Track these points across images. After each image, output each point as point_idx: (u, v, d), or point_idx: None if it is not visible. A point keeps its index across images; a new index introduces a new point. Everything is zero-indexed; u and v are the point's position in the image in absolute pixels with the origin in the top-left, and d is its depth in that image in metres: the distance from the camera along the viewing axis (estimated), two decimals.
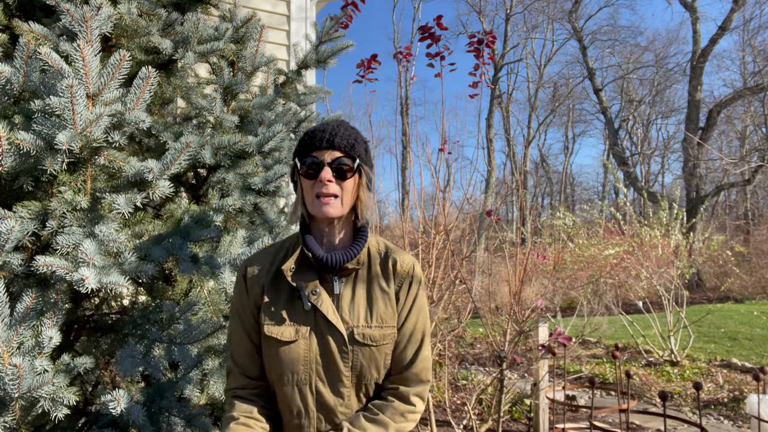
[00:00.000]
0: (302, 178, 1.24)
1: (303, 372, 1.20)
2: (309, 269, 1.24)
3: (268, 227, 2.13)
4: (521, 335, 3.78)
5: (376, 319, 1.24)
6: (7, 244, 1.31)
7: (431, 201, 4.20)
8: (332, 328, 1.20)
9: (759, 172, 15.37)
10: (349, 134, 1.24)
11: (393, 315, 1.26)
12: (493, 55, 3.92)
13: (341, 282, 1.25)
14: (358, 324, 1.22)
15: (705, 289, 13.99)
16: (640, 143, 29.97)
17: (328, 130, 1.23)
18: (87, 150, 1.42)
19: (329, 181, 1.20)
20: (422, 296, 1.32)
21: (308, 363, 1.19)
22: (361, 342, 1.21)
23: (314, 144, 1.22)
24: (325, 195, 1.20)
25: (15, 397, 1.22)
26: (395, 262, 1.29)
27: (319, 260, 1.21)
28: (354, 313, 1.23)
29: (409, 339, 1.27)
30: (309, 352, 1.20)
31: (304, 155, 1.23)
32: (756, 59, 18.97)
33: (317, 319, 1.21)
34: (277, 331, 1.20)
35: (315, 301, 1.20)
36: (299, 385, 1.20)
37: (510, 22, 25.89)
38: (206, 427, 1.72)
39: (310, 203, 1.23)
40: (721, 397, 5.39)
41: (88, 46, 1.34)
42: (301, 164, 1.23)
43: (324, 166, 1.20)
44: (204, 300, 1.85)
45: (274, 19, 4.38)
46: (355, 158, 1.23)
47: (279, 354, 1.19)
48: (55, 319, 1.38)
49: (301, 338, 1.20)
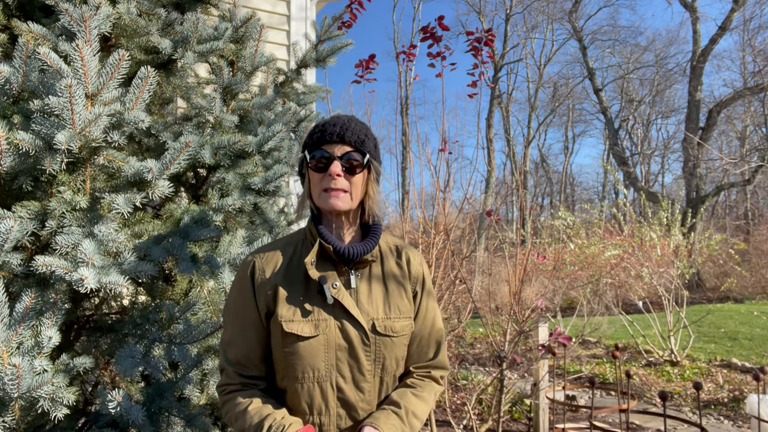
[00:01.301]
0: (311, 171, 1.23)
1: (324, 368, 1.17)
2: (326, 262, 1.23)
3: (268, 227, 2.13)
4: (521, 335, 3.77)
5: (394, 310, 1.25)
6: (6, 243, 1.31)
7: (431, 201, 4.20)
8: (354, 321, 1.19)
9: (759, 172, 15.37)
10: (360, 129, 1.24)
11: (409, 307, 1.28)
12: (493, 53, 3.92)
13: (357, 275, 1.25)
14: (377, 316, 1.22)
15: (705, 289, 13.98)
16: (640, 143, 29.98)
17: (339, 124, 1.22)
18: (86, 150, 1.42)
19: (338, 175, 1.19)
20: (432, 287, 1.38)
21: (329, 358, 1.18)
22: (383, 333, 1.21)
23: (324, 137, 1.21)
24: (334, 189, 1.19)
25: (14, 397, 1.21)
26: (408, 258, 1.33)
27: (338, 252, 1.21)
28: (373, 305, 1.23)
29: (431, 330, 1.33)
30: (329, 347, 1.18)
31: (314, 148, 1.23)
32: (756, 59, 18.96)
33: (337, 313, 1.20)
34: (297, 327, 1.17)
35: (336, 295, 1.19)
36: (320, 382, 1.17)
37: (510, 22, 25.90)
38: (206, 427, 1.72)
39: (317, 196, 1.22)
40: (721, 397, 5.38)
41: (87, 46, 1.34)
42: (311, 157, 1.22)
43: (334, 159, 1.20)
44: (204, 300, 1.85)
45: (273, 18, 4.37)
46: (365, 153, 1.23)
47: (298, 350, 1.16)
48: (55, 319, 1.38)
49: (321, 333, 1.17)
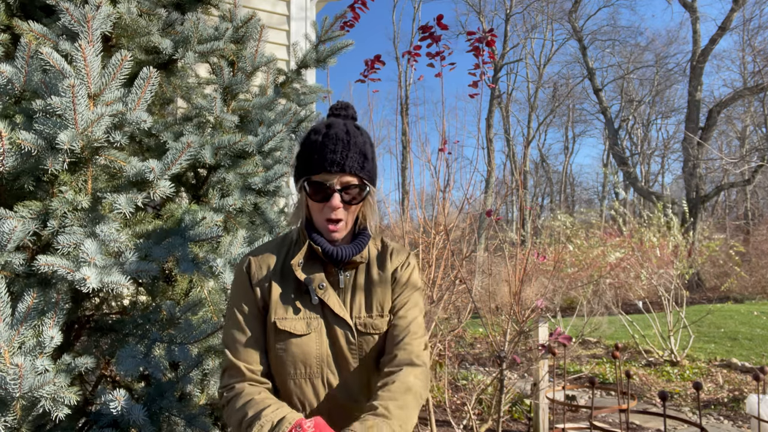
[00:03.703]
0: (309, 199, 1.23)
1: (316, 365, 1.21)
2: (315, 263, 1.25)
3: (268, 227, 2.13)
4: (521, 335, 3.78)
5: (375, 308, 1.26)
6: (9, 243, 1.31)
7: (431, 201, 4.20)
8: (340, 320, 1.22)
9: (759, 172, 15.37)
10: (359, 151, 1.20)
11: (389, 301, 1.28)
12: (494, 54, 3.94)
13: (345, 275, 1.27)
14: (360, 315, 1.24)
15: (705, 289, 13.98)
16: (640, 143, 29.99)
17: (338, 150, 1.17)
18: (88, 150, 1.43)
19: (338, 207, 1.19)
20: (416, 275, 1.34)
21: (320, 355, 1.21)
22: (365, 332, 1.24)
23: (324, 165, 1.17)
24: (334, 220, 1.21)
25: (16, 396, 1.22)
26: (392, 252, 1.34)
27: (327, 254, 1.22)
28: (358, 304, 1.25)
29: (401, 317, 1.26)
30: (321, 345, 1.21)
31: (312, 173, 1.19)
32: (756, 59, 18.95)
33: (325, 313, 1.22)
34: (290, 324, 1.20)
35: (322, 296, 1.22)
36: (311, 378, 1.21)
37: (510, 22, 25.89)
38: (206, 427, 1.72)
39: (317, 221, 1.23)
40: (721, 397, 5.39)
41: (90, 46, 1.35)
42: (309, 185, 1.21)
43: (334, 192, 1.19)
44: (204, 300, 1.85)
45: (273, 19, 4.37)
46: (365, 183, 1.23)
47: (291, 347, 1.19)
48: (56, 319, 1.38)
49: (313, 331, 1.21)
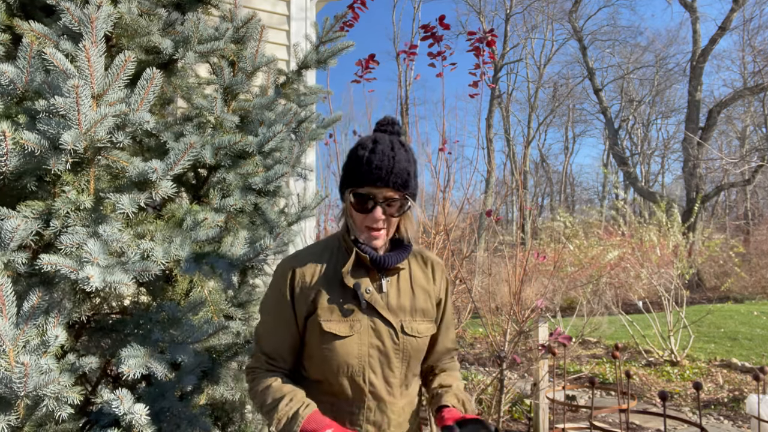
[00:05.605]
0: (352, 209, 1.30)
1: (357, 364, 1.29)
2: (360, 269, 1.33)
3: (269, 227, 2.13)
4: (521, 335, 3.78)
5: (419, 314, 1.36)
6: (11, 242, 1.32)
7: (431, 201, 4.20)
8: (385, 321, 1.31)
9: (759, 172, 15.39)
10: (404, 168, 1.27)
11: (433, 312, 1.40)
12: (494, 54, 3.95)
13: (387, 281, 1.35)
14: (405, 318, 1.33)
15: (705, 289, 13.98)
16: (640, 143, 30.00)
17: (384, 165, 1.24)
18: (91, 150, 1.43)
19: (381, 218, 1.27)
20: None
21: (362, 356, 1.29)
22: (410, 334, 1.33)
23: (370, 178, 1.24)
24: (375, 229, 1.29)
25: (21, 395, 1.22)
26: (434, 268, 1.45)
27: (375, 261, 1.30)
28: (401, 308, 1.34)
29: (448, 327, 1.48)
30: (362, 346, 1.29)
31: (357, 186, 1.27)
32: (756, 59, 18.97)
33: (371, 315, 1.30)
34: (336, 327, 1.28)
35: (370, 300, 1.31)
36: (353, 376, 1.29)
37: (510, 22, 25.90)
38: (207, 426, 1.73)
39: (358, 228, 1.31)
40: (721, 397, 5.39)
41: (94, 47, 1.35)
42: (354, 196, 1.28)
43: (377, 205, 1.26)
44: (205, 300, 1.85)
45: (274, 19, 4.38)
46: (407, 199, 1.30)
47: (335, 348, 1.28)
48: (60, 318, 1.39)
49: (355, 333, 1.29)
